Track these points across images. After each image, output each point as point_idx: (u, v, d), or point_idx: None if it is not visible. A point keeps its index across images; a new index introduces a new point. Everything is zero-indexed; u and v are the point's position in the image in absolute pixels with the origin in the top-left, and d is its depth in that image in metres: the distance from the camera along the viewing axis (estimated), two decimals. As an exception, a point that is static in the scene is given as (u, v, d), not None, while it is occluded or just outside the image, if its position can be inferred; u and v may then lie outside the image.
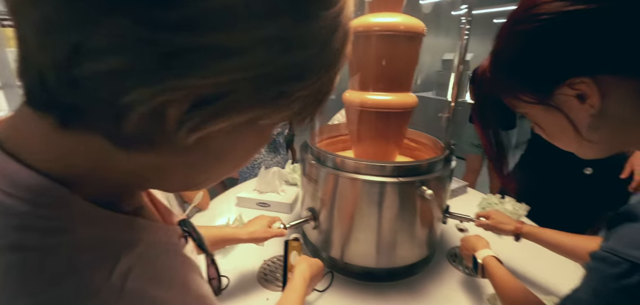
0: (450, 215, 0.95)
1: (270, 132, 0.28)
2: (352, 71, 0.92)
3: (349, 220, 0.84)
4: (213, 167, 0.26)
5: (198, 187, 0.28)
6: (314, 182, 0.89)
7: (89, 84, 0.16)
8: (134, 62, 0.16)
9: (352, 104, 0.92)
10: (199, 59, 0.16)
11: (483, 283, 0.90)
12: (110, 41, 0.15)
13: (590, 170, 1.24)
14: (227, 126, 0.20)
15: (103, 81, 0.16)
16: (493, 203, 1.25)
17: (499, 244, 1.05)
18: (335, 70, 0.25)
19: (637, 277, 0.30)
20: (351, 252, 0.88)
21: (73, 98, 0.17)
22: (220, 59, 0.17)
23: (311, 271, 0.72)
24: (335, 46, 0.22)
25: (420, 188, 0.77)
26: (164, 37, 0.15)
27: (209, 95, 0.18)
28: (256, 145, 0.27)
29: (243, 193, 1.33)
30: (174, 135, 0.18)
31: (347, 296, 0.86)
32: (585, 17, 0.32)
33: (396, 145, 0.99)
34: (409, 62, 0.87)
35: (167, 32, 0.15)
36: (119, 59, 0.15)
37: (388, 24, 0.81)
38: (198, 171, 0.25)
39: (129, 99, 0.16)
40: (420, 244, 0.90)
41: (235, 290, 0.86)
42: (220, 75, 0.17)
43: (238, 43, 0.17)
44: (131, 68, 0.16)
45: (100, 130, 0.19)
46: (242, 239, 0.82)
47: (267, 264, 0.97)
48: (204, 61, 0.16)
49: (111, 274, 0.20)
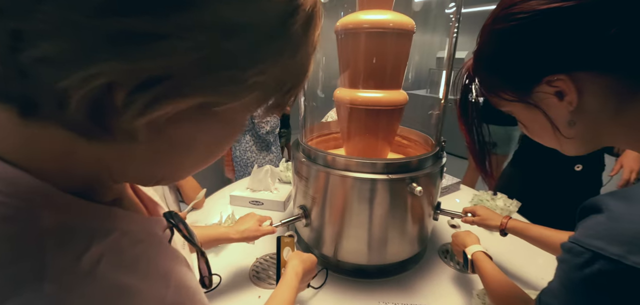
0: (441, 211, 0.95)
1: (241, 123, 0.27)
2: (343, 68, 0.92)
3: (340, 217, 0.84)
4: (175, 160, 0.26)
5: (162, 182, 0.28)
6: (304, 180, 0.89)
7: (33, 72, 0.16)
8: (66, 47, 0.16)
9: (342, 102, 0.92)
10: (129, 43, 0.17)
11: (474, 279, 0.91)
12: (43, 27, 0.15)
13: (580, 167, 1.26)
14: (173, 110, 0.20)
15: (42, 67, 0.16)
16: (485, 199, 1.26)
17: (490, 239, 1.06)
18: (298, 56, 0.24)
19: (598, 266, 0.31)
20: (343, 249, 0.89)
21: (24, 88, 0.17)
22: (151, 43, 0.17)
23: (304, 266, 0.72)
24: (294, 31, 0.22)
25: (411, 185, 0.77)
26: (94, 22, 0.16)
27: (149, 78, 0.18)
28: (224, 137, 0.27)
29: (236, 191, 1.32)
30: (122, 121, 0.19)
31: (340, 293, 0.86)
32: (560, 15, 0.32)
33: (387, 143, 0.99)
34: (399, 60, 0.87)
35: (97, 17, 0.15)
36: (52, 44, 0.16)
37: (378, 21, 0.81)
38: (160, 163, 0.25)
39: (66, 83, 0.16)
40: (411, 240, 0.90)
41: (227, 288, 0.86)
42: (152, 59, 0.17)
43: (169, 28, 0.17)
44: (64, 52, 0.16)
45: (54, 119, 0.19)
46: (233, 238, 0.82)
47: (259, 261, 0.97)
48: (135, 46, 0.17)
49: (80, 259, 0.20)
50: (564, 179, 1.30)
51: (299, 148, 0.96)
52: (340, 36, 0.89)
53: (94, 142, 0.21)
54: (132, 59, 0.17)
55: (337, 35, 0.90)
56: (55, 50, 0.16)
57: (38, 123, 0.19)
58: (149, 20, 0.16)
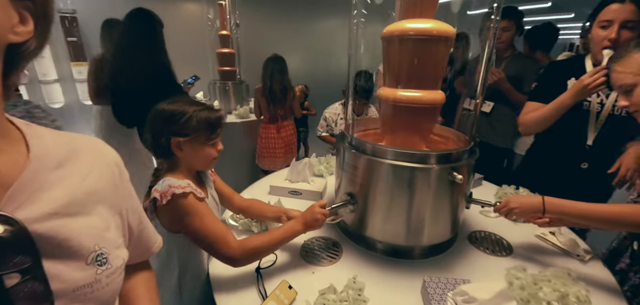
0: (473, 200, 1.05)
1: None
2: (387, 70, 1.02)
3: (387, 202, 0.95)
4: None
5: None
6: (352, 169, 1.00)
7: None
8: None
9: (386, 99, 1.02)
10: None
11: (503, 260, 1.01)
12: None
13: (586, 165, 1.34)
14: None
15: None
16: (509, 193, 1.36)
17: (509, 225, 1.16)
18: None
19: None
20: (386, 231, 0.99)
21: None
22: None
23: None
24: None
25: (452, 173, 0.88)
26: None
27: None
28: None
29: (275, 182, 1.43)
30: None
31: (383, 271, 0.96)
32: None
33: (424, 138, 1.09)
34: (439, 63, 0.97)
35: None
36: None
37: (423, 29, 0.91)
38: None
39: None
40: (447, 225, 1.00)
41: (284, 265, 0.97)
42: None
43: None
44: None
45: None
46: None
47: (306, 243, 1.07)
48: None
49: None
50: (571, 176, 1.37)
51: (345, 140, 1.07)
52: (386, 41, 0.99)
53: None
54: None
55: (383, 41, 1.01)
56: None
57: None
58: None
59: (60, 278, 0.37)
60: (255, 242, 0.87)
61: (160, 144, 0.86)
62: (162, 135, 0.85)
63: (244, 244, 0.86)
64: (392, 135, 1.07)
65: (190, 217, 0.82)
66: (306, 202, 1.36)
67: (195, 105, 0.87)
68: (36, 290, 0.35)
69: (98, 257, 0.42)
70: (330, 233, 1.14)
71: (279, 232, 0.91)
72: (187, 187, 0.82)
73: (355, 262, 1.00)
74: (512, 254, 1.06)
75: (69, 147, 0.43)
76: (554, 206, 0.93)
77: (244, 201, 1.13)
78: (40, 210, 0.37)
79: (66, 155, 0.42)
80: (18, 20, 0.35)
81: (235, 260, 0.85)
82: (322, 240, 1.09)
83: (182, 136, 0.84)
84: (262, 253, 0.89)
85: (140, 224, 0.57)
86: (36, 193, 0.37)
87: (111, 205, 0.47)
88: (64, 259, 0.38)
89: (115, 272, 0.44)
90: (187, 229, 0.83)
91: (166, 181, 0.82)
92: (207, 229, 0.83)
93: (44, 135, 0.41)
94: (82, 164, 0.44)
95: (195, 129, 0.85)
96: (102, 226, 0.44)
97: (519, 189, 1.38)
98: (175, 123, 0.84)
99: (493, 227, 1.20)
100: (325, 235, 1.12)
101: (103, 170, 0.47)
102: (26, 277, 0.34)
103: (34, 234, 0.35)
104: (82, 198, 0.42)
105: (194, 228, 0.83)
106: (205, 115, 0.86)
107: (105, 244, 0.43)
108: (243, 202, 1.13)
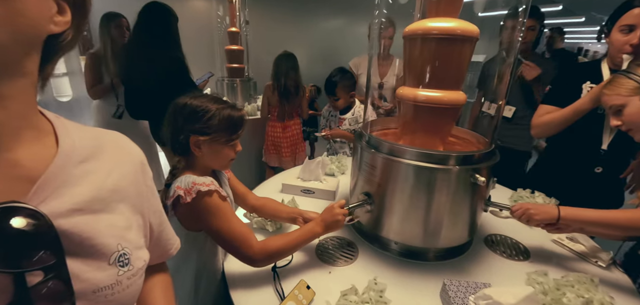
0: (491, 204, 1.04)
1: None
2: (409, 69, 1.01)
3: (406, 203, 0.94)
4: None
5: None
6: (370, 168, 0.99)
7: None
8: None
9: (406, 99, 1.01)
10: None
11: (522, 264, 1.00)
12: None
13: (600, 169, 1.32)
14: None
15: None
16: (524, 197, 1.34)
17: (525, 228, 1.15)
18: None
19: None
20: (404, 232, 0.98)
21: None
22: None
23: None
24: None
25: (474, 175, 0.87)
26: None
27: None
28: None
29: (288, 180, 1.43)
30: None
31: (399, 273, 0.95)
32: None
33: (443, 139, 1.08)
34: (462, 63, 0.96)
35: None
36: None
37: (446, 28, 0.90)
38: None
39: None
40: (465, 227, 0.99)
41: (300, 265, 0.96)
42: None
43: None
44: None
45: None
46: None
47: (322, 242, 1.06)
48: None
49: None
50: (585, 180, 1.36)
51: (362, 139, 1.06)
52: (408, 40, 0.98)
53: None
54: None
55: (404, 40, 0.99)
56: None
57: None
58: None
59: (81, 278, 0.36)
60: (276, 243, 0.86)
61: (179, 141, 0.84)
62: (182, 132, 0.83)
63: (266, 246, 0.85)
64: (411, 135, 1.06)
65: (214, 216, 0.81)
66: (319, 201, 1.35)
67: (218, 102, 0.85)
68: (58, 290, 0.33)
69: (120, 258, 0.40)
70: (344, 233, 1.13)
71: (299, 234, 0.91)
72: (211, 184, 0.81)
73: (371, 262, 0.99)
74: (529, 258, 1.04)
75: (94, 142, 0.42)
76: (569, 216, 0.93)
77: (258, 200, 1.12)
78: (65, 206, 0.35)
79: (91, 150, 0.41)
80: (56, 10, 0.35)
81: (256, 261, 0.85)
82: (336, 240, 1.08)
83: (202, 135, 0.82)
84: (282, 255, 0.89)
85: (161, 224, 0.55)
86: (61, 188, 0.36)
87: (133, 204, 0.46)
88: (85, 257, 0.37)
89: (136, 274, 0.43)
90: (210, 227, 0.82)
91: (189, 178, 0.80)
92: (231, 229, 0.82)
93: (71, 129, 0.40)
94: (107, 160, 0.43)
95: (216, 129, 0.83)
96: (124, 225, 0.43)
97: (535, 193, 1.36)
98: (197, 121, 0.82)
99: (508, 231, 1.19)
100: (339, 235, 1.11)
101: (127, 168, 0.46)
102: (49, 275, 0.32)
103: (58, 230, 0.34)
104: (106, 195, 0.41)
105: (218, 228, 0.82)
106: (227, 114, 0.84)
107: (127, 244, 0.42)
108: (257, 201, 1.12)
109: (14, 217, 0.30)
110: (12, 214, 0.31)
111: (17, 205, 0.31)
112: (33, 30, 0.33)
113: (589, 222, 0.90)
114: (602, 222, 0.87)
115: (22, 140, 0.35)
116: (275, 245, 0.86)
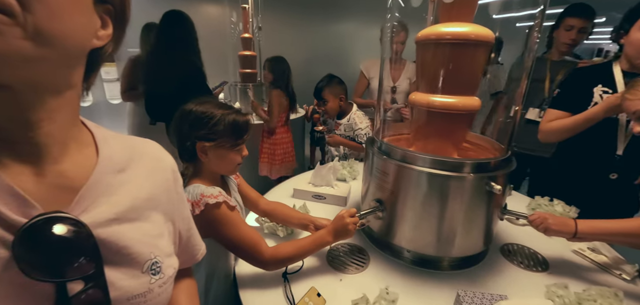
0: (508, 212, 1.01)
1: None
2: (422, 74, 1.00)
3: (418, 210, 0.92)
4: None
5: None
6: (382, 175, 0.97)
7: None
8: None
9: (419, 105, 1.00)
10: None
11: (540, 276, 0.96)
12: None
13: (615, 176, 1.27)
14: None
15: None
16: (543, 205, 1.30)
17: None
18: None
19: None
20: (417, 240, 0.96)
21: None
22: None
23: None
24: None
25: (490, 183, 0.84)
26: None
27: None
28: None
29: (299, 185, 1.43)
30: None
31: (412, 283, 0.93)
32: None
33: (456, 146, 1.06)
34: (477, 68, 0.94)
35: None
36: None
37: (460, 33, 0.88)
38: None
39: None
40: (480, 236, 0.96)
41: (310, 270, 0.96)
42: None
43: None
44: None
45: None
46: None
47: (333, 248, 1.06)
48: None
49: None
50: (600, 186, 1.30)
51: (374, 145, 1.05)
52: (421, 46, 0.97)
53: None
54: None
55: (417, 45, 0.98)
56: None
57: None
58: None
59: (116, 285, 0.37)
60: (286, 250, 0.87)
61: (186, 148, 0.85)
62: (188, 138, 0.84)
63: (276, 252, 0.86)
64: (424, 141, 1.04)
65: (223, 226, 0.82)
66: (330, 207, 1.34)
67: (223, 108, 0.85)
68: (96, 298, 0.34)
69: (153, 266, 0.41)
70: (355, 239, 1.11)
71: (309, 241, 0.91)
72: (219, 195, 0.81)
73: (383, 270, 0.97)
74: (548, 269, 1.00)
75: (130, 151, 0.44)
76: (586, 229, 0.90)
77: (269, 204, 1.13)
78: (104, 215, 0.36)
79: (128, 160, 0.42)
80: (100, 25, 0.36)
81: (267, 264, 0.86)
82: (347, 246, 1.07)
83: (208, 141, 0.83)
84: (292, 261, 0.90)
85: (189, 230, 0.56)
86: (100, 198, 0.37)
87: (164, 212, 0.47)
88: (121, 266, 0.38)
89: (167, 282, 0.44)
90: (220, 237, 0.83)
91: (197, 189, 0.81)
92: (240, 237, 0.83)
93: (109, 139, 0.42)
94: (142, 169, 0.44)
95: (221, 134, 0.83)
96: (156, 233, 0.44)
97: (554, 201, 1.32)
98: (202, 127, 0.82)
99: (526, 240, 1.15)
100: (350, 242, 1.10)
101: (160, 176, 0.47)
102: (89, 284, 0.33)
103: (97, 239, 0.35)
104: (141, 204, 0.42)
105: (227, 237, 0.83)
106: (232, 119, 0.84)
107: (159, 252, 0.43)
108: (268, 205, 1.12)
109: (56, 224, 0.32)
110: (55, 223, 0.32)
111: (61, 215, 0.32)
112: (80, 47, 0.34)
113: (608, 234, 0.86)
114: (622, 232, 0.83)
115: (68, 151, 0.36)
116: (285, 252, 0.87)
